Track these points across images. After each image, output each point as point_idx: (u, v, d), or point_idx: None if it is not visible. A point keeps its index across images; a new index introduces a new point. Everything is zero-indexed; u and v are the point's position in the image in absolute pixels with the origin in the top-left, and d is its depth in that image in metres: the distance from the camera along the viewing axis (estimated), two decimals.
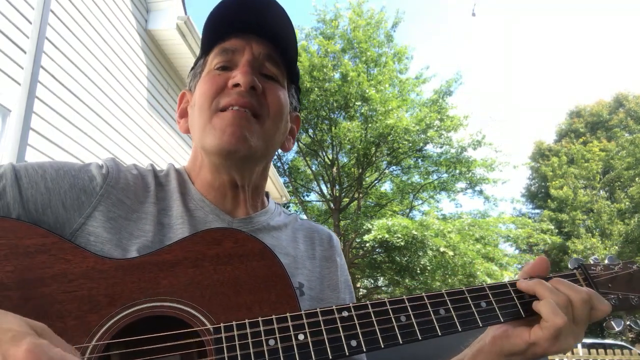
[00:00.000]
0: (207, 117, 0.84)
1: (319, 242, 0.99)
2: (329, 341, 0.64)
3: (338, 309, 0.67)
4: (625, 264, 0.85)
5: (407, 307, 0.69)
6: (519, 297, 0.75)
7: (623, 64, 70.58)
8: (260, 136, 0.84)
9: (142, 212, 0.82)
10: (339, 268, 0.98)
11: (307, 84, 15.55)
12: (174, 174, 0.92)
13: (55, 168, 0.78)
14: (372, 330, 0.66)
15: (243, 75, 0.82)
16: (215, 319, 0.65)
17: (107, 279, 0.65)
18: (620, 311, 0.80)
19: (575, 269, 0.84)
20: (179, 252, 0.69)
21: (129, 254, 0.75)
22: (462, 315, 0.71)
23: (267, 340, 0.63)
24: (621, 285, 0.82)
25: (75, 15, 5.01)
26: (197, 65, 0.93)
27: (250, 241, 0.72)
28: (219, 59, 0.87)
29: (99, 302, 0.63)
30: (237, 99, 0.82)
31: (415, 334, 0.67)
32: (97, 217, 0.76)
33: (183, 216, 0.84)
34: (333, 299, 0.93)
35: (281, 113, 0.88)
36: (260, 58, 0.87)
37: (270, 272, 0.70)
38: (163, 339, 0.62)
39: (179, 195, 0.87)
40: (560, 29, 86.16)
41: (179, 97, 0.99)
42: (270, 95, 0.86)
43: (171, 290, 0.66)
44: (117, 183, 0.82)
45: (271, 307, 0.67)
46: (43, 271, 0.64)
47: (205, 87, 0.86)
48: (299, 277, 0.89)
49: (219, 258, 0.69)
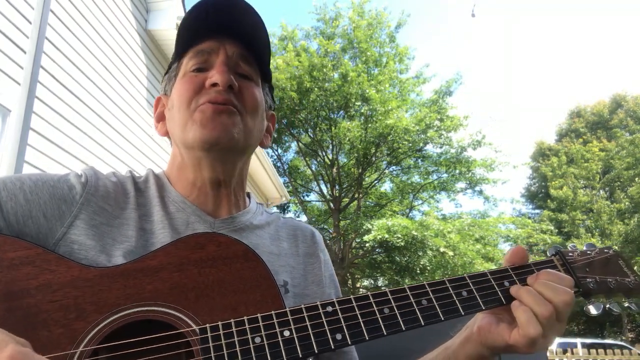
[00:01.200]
0: (188, 115, 0.85)
1: (302, 239, 1.00)
2: (314, 336, 0.65)
3: (322, 304, 0.69)
4: (601, 250, 0.88)
5: (390, 300, 0.71)
6: (499, 285, 0.77)
7: (623, 64, 70.64)
8: (241, 129, 0.86)
9: (123, 218, 0.83)
10: (322, 263, 0.99)
11: (307, 84, 15.56)
12: (153, 179, 0.93)
13: (33, 180, 0.80)
14: (356, 323, 0.67)
15: (220, 74, 0.84)
16: (201, 320, 0.66)
17: (93, 287, 0.66)
18: (598, 294, 0.82)
19: (553, 255, 0.86)
20: (163, 257, 0.70)
21: (114, 259, 0.76)
22: (444, 304, 0.72)
23: (253, 338, 0.64)
24: (598, 269, 0.84)
25: (75, 15, 5.01)
26: (172, 69, 0.95)
27: (234, 244, 0.73)
28: (195, 61, 0.89)
29: (84, 309, 0.64)
30: (216, 97, 0.83)
31: (399, 324, 0.69)
32: (79, 225, 0.78)
33: (164, 221, 0.85)
34: (318, 294, 0.94)
35: (258, 109, 0.90)
36: (234, 58, 0.89)
37: (254, 273, 0.71)
38: (149, 342, 0.63)
39: (158, 200, 0.88)
40: (560, 29, 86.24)
41: (155, 102, 1.00)
42: (247, 92, 0.88)
43: (156, 295, 0.67)
44: (97, 191, 0.83)
45: (256, 306, 0.68)
46: (28, 282, 0.65)
47: (184, 88, 0.87)
48: (282, 275, 0.90)
49: (203, 261, 0.70)
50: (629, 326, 24.68)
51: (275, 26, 18.24)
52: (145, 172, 0.96)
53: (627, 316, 23.61)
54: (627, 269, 0.86)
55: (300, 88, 15.70)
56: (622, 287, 0.83)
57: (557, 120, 66.82)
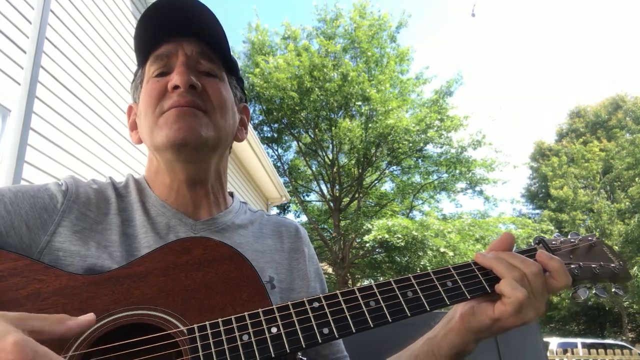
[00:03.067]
0: (153, 121, 0.85)
1: (286, 235, 1.01)
2: (301, 331, 0.66)
3: (309, 300, 0.70)
4: (585, 237, 0.89)
5: (376, 293, 0.72)
6: (483, 274, 0.77)
7: (624, 64, 70.58)
8: (209, 127, 0.85)
9: (106, 223, 0.84)
10: (307, 258, 1.00)
11: (307, 84, 15.56)
12: (133, 184, 0.93)
13: (13, 191, 0.80)
14: (343, 317, 0.68)
15: (180, 75, 0.84)
16: (190, 322, 0.66)
17: (81, 294, 0.67)
18: (583, 280, 0.83)
19: (536, 244, 0.87)
20: (150, 263, 0.71)
21: (101, 261, 0.77)
22: (430, 295, 0.73)
23: (240, 336, 0.64)
24: (582, 256, 0.85)
25: (75, 15, 5.01)
26: (137, 76, 0.95)
27: (220, 247, 0.74)
28: (155, 67, 0.89)
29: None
30: (179, 100, 0.83)
31: (385, 316, 0.69)
32: (62, 233, 0.78)
33: (146, 225, 0.85)
34: (304, 288, 0.95)
35: (225, 105, 0.90)
36: (194, 56, 0.88)
37: (240, 273, 0.72)
38: (138, 344, 0.63)
39: (139, 204, 0.89)
40: (560, 29, 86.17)
41: (127, 111, 1.01)
42: (211, 89, 0.88)
43: (144, 299, 0.68)
44: (78, 198, 0.84)
45: (243, 306, 0.69)
46: (17, 292, 0.65)
47: (147, 95, 0.87)
48: (268, 271, 0.90)
49: (190, 265, 0.71)
50: (629, 326, 24.65)
51: (277, 25, 18.22)
52: (125, 178, 0.97)
53: (627, 316, 23.60)
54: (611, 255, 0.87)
55: (301, 88, 15.70)
56: (607, 272, 0.84)
57: (557, 120, 66.86)
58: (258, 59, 16.13)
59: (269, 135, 18.89)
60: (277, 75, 15.10)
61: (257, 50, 17.19)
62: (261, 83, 15.60)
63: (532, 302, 0.73)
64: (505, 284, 0.73)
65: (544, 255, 0.78)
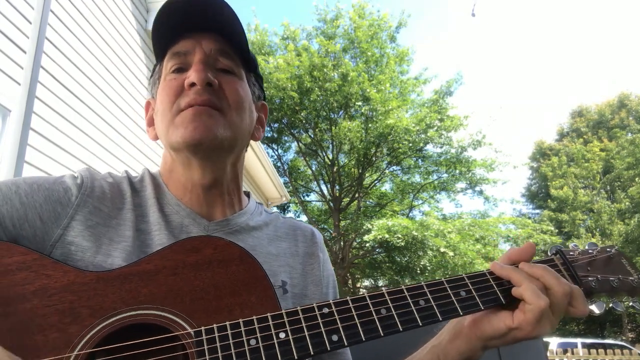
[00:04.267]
0: (170, 119, 0.84)
1: (301, 239, 1.00)
2: (310, 337, 0.65)
3: (318, 306, 0.68)
4: (603, 249, 0.85)
5: (387, 300, 0.70)
6: (498, 285, 0.75)
7: (625, 64, 70.56)
8: (225, 126, 0.84)
9: (120, 218, 0.83)
10: (321, 263, 0.98)
11: (307, 84, 15.55)
12: (149, 179, 0.92)
13: (28, 183, 0.79)
14: (352, 324, 0.67)
15: (197, 73, 0.83)
16: (197, 323, 0.66)
17: (88, 291, 0.66)
18: (600, 293, 0.80)
19: (553, 254, 0.84)
20: (159, 261, 0.70)
21: (110, 259, 0.76)
22: (442, 304, 0.71)
23: (248, 340, 0.63)
24: (600, 268, 0.82)
25: (75, 15, 5.01)
26: (155, 72, 0.94)
27: (230, 247, 0.73)
28: (173, 63, 0.88)
29: (80, 313, 0.64)
30: (195, 98, 0.82)
31: (396, 325, 0.68)
32: (75, 227, 0.77)
33: (160, 222, 0.85)
34: (317, 294, 0.93)
35: (242, 103, 0.88)
36: (212, 54, 0.87)
37: (250, 275, 0.71)
38: (144, 345, 0.63)
39: (154, 200, 0.88)
40: (560, 29, 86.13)
41: (145, 106, 1.00)
42: (228, 87, 0.86)
43: (152, 298, 0.67)
44: (93, 192, 0.83)
45: (252, 309, 0.68)
46: (24, 287, 0.65)
47: (164, 93, 0.86)
48: (281, 276, 0.89)
49: (199, 265, 0.70)
50: (629, 326, 24.65)
51: (277, 25, 18.21)
52: (141, 172, 0.95)
53: (627, 316, 23.58)
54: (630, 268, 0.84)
55: (301, 88, 15.69)
56: (625, 286, 0.81)
57: (557, 120, 66.82)
58: (258, 59, 16.08)
59: (269, 135, 18.88)
60: (277, 75, 15.09)
61: (257, 50, 17.18)
62: None
63: (550, 316, 0.71)
64: (526, 289, 0.70)
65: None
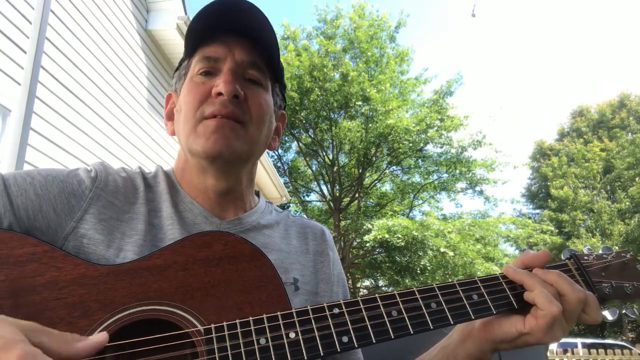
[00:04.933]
0: (192, 125, 0.85)
1: (312, 237, 1.00)
2: (320, 338, 0.64)
3: (329, 306, 0.68)
4: (618, 254, 0.84)
5: (398, 302, 0.70)
6: (511, 289, 0.74)
7: (626, 64, 70.57)
8: (245, 141, 0.86)
9: (132, 212, 0.83)
10: (331, 262, 0.99)
11: (307, 84, 15.56)
12: (163, 176, 0.93)
13: (43, 175, 0.80)
14: (363, 326, 0.66)
15: (225, 84, 0.83)
16: (206, 320, 0.65)
17: (98, 284, 0.66)
18: (614, 300, 0.79)
19: (567, 259, 0.83)
20: (170, 256, 0.70)
21: (123, 253, 0.76)
22: (454, 308, 0.71)
23: (257, 339, 0.63)
24: (614, 274, 0.81)
25: (75, 15, 5.01)
26: (182, 66, 0.94)
27: (241, 243, 0.72)
28: (202, 65, 0.88)
29: (89, 307, 0.64)
30: (220, 109, 0.83)
31: (407, 328, 0.67)
32: (88, 220, 0.78)
33: (173, 217, 0.85)
34: (327, 292, 0.94)
35: (264, 117, 0.90)
36: (243, 65, 0.88)
37: (260, 272, 0.71)
38: (154, 341, 0.62)
39: (168, 196, 0.89)
40: (560, 28, 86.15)
41: (165, 98, 1.00)
42: (253, 100, 0.87)
43: (162, 294, 0.66)
44: (107, 185, 0.84)
45: (262, 307, 0.68)
46: (34, 279, 0.65)
47: (190, 96, 0.87)
48: (293, 273, 0.90)
49: (209, 261, 0.70)
50: (629, 326, 24.64)
51: (277, 25, 18.25)
52: (154, 168, 0.97)
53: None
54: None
55: (301, 88, 15.70)
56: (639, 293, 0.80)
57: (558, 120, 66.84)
58: None
59: None
60: None
61: None
62: None
63: (562, 323, 0.70)
64: (540, 295, 0.70)
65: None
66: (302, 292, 0.88)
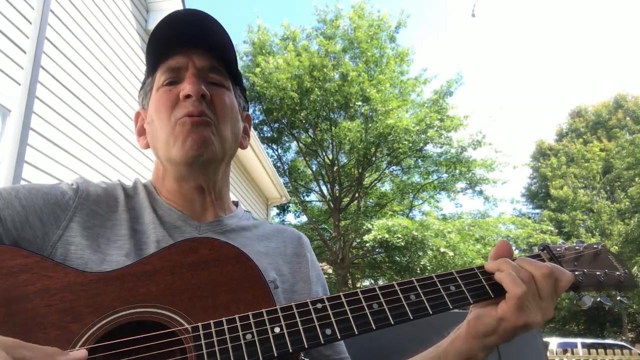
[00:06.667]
0: (169, 130, 0.89)
1: (289, 241, 1.04)
2: (304, 331, 0.67)
3: (312, 301, 0.70)
4: (590, 245, 0.89)
5: (379, 295, 0.72)
6: (486, 279, 0.78)
7: (624, 64, 70.60)
8: (217, 140, 0.90)
9: (115, 219, 0.87)
10: (309, 262, 1.02)
11: (307, 84, 15.56)
12: (141, 187, 0.97)
13: (27, 188, 0.83)
14: (345, 319, 0.69)
15: (192, 85, 0.88)
16: (194, 320, 0.67)
17: (88, 290, 0.68)
18: (588, 287, 0.83)
19: (540, 250, 0.87)
20: (157, 262, 0.72)
21: (109, 257, 0.79)
22: (433, 299, 0.73)
23: (244, 335, 0.65)
24: (587, 263, 0.85)
25: (75, 15, 5.01)
26: (146, 83, 0.99)
27: (226, 247, 0.75)
28: (166, 76, 0.92)
29: (80, 312, 0.66)
30: (191, 110, 0.87)
31: (388, 319, 0.70)
32: (73, 228, 0.82)
33: (155, 221, 0.89)
34: (305, 290, 0.97)
35: (231, 115, 0.95)
36: (203, 70, 0.93)
37: (245, 273, 0.73)
38: (143, 341, 0.64)
39: (148, 204, 0.92)
40: (560, 28, 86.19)
41: (134, 116, 1.06)
42: (218, 100, 0.92)
43: (150, 297, 0.69)
44: (89, 196, 0.88)
45: (248, 305, 0.70)
46: (26, 288, 0.67)
47: (160, 103, 0.91)
48: (271, 272, 0.93)
49: (196, 264, 0.72)
50: (629, 326, 24.66)
51: (277, 26, 18.23)
52: (133, 180, 1.01)
53: (627, 316, 23.60)
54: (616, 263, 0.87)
55: (301, 88, 15.70)
56: (612, 280, 0.84)
57: (557, 120, 66.89)
58: (259, 59, 16.13)
59: (269, 135, 18.90)
60: (277, 76, 15.10)
61: (258, 50, 17.20)
62: (261, 83, 15.60)
63: (539, 302, 0.74)
64: (506, 276, 0.74)
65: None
66: (280, 291, 0.91)
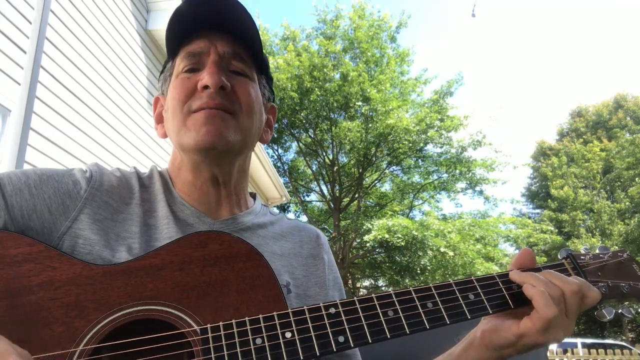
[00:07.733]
0: (181, 120, 0.84)
1: (306, 241, 0.99)
2: (316, 338, 0.64)
3: (325, 305, 0.68)
4: (614, 253, 0.85)
5: (395, 302, 0.69)
6: (507, 289, 0.74)
7: (625, 64, 70.55)
8: (237, 130, 0.85)
9: (127, 213, 0.83)
10: (326, 265, 0.98)
11: (307, 84, 15.55)
12: (157, 176, 0.93)
13: (38, 174, 0.80)
14: (359, 326, 0.66)
15: (210, 76, 0.82)
16: (202, 320, 0.65)
17: (94, 284, 0.66)
18: (611, 299, 0.80)
19: (564, 258, 0.83)
20: (166, 255, 0.70)
21: (118, 254, 0.76)
22: (450, 307, 0.70)
23: (254, 339, 0.63)
24: (611, 274, 0.81)
25: (75, 15, 5.01)
26: (166, 68, 0.94)
27: (237, 243, 0.72)
28: (186, 62, 0.87)
29: (85, 307, 0.64)
30: (207, 102, 0.82)
31: (403, 327, 0.67)
32: (83, 220, 0.77)
33: (168, 216, 0.85)
34: (321, 295, 0.93)
35: (253, 106, 0.89)
36: (226, 56, 0.87)
37: (256, 272, 0.70)
38: (150, 341, 0.62)
39: (163, 196, 0.88)
40: (560, 29, 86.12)
41: (153, 102, 1.00)
42: (240, 90, 0.86)
43: (158, 294, 0.66)
44: (102, 185, 0.83)
45: (258, 307, 0.68)
46: (30, 279, 0.64)
47: (176, 92, 0.86)
48: (285, 275, 0.89)
49: (206, 260, 0.70)
50: (629, 326, 24.64)
51: (277, 26, 18.20)
52: (149, 168, 0.96)
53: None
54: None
55: (301, 88, 15.69)
56: (636, 292, 0.80)
57: (558, 120, 66.83)
58: None
59: None
60: (277, 76, 15.09)
61: None
62: None
63: (564, 321, 0.70)
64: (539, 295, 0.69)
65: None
66: (293, 295, 0.88)
